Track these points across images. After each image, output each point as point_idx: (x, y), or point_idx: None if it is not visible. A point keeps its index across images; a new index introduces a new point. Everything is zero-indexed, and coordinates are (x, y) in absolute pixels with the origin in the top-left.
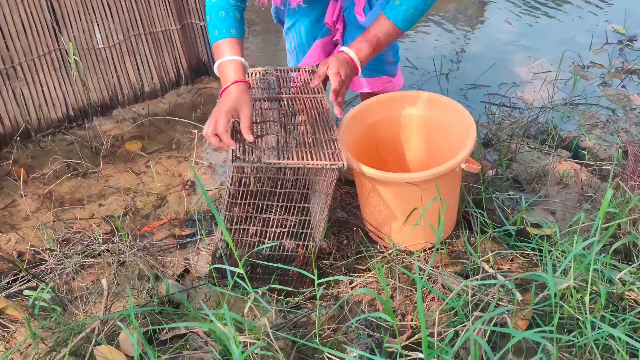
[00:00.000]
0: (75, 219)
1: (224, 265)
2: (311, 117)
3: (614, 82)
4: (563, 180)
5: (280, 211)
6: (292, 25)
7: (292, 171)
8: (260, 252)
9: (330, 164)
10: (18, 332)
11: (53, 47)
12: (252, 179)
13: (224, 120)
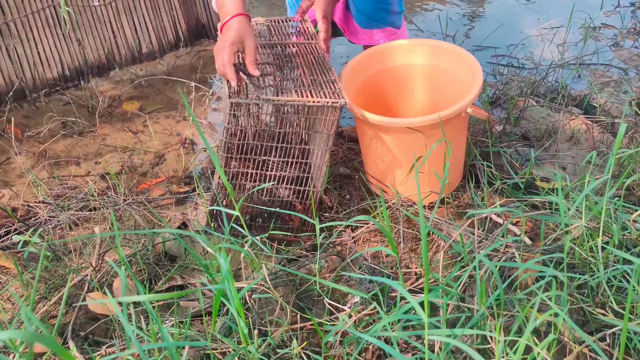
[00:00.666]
0: (71, 176)
1: (221, 208)
2: (307, 61)
3: (626, 42)
4: (574, 137)
5: (280, 154)
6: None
7: (292, 110)
8: (259, 199)
9: (331, 102)
10: (9, 284)
11: (47, 3)
12: (250, 123)
13: (229, 51)
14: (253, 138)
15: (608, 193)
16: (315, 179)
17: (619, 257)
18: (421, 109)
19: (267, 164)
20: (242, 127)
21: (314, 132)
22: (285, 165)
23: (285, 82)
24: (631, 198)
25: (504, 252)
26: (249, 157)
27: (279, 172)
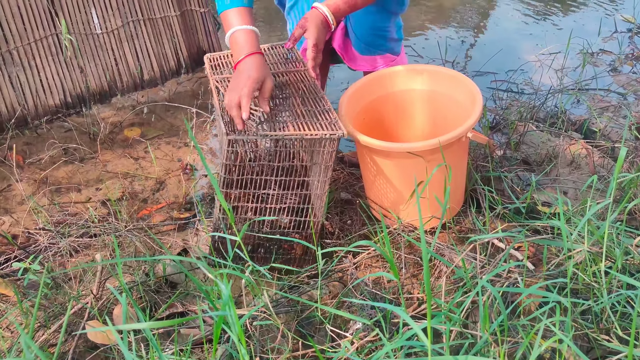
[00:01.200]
0: (72, 203)
1: (225, 235)
2: (299, 89)
3: (624, 68)
4: (575, 161)
5: (279, 188)
6: (294, 4)
7: (290, 144)
8: (260, 231)
9: (329, 134)
10: (9, 312)
11: (50, 31)
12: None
13: (250, 87)
14: (251, 172)
15: (610, 218)
16: (316, 209)
17: (623, 282)
18: (422, 134)
19: (267, 196)
20: (240, 162)
21: (312, 164)
22: (285, 197)
23: (279, 114)
24: (633, 223)
25: (506, 277)
26: (248, 191)
27: (279, 204)
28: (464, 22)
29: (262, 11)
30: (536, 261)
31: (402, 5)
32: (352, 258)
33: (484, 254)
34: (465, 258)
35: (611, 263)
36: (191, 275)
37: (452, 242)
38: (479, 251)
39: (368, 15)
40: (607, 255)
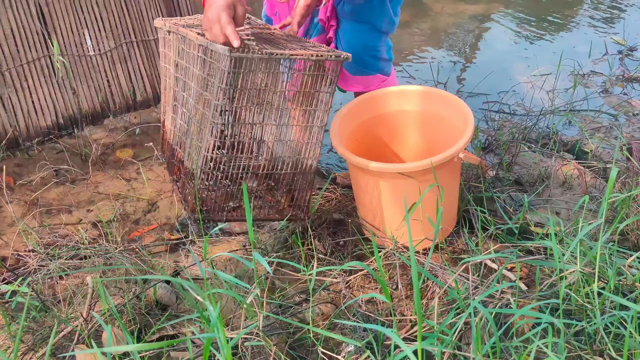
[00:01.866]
0: (62, 224)
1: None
2: (283, 35)
3: (614, 89)
4: (567, 182)
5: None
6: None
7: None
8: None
9: (334, 55)
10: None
11: (42, 53)
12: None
13: (226, 14)
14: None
15: (602, 238)
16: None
17: (616, 303)
18: (414, 154)
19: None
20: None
21: (314, 92)
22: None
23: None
24: (626, 243)
25: (499, 298)
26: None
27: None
28: (456, 44)
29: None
30: (529, 282)
31: (393, 25)
32: (345, 278)
33: (477, 274)
34: (458, 279)
35: (604, 284)
36: (185, 294)
37: (445, 262)
38: (472, 272)
39: (359, 35)
40: (600, 275)
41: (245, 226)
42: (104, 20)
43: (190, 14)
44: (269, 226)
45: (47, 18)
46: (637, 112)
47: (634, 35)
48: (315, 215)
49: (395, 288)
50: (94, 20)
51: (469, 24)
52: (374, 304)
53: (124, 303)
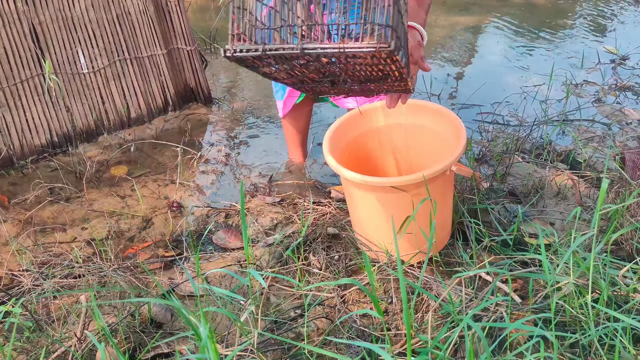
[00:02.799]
0: (56, 243)
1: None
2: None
3: (608, 98)
4: (561, 192)
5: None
6: None
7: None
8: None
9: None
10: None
11: (36, 71)
12: None
13: None
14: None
15: (595, 249)
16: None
17: (610, 315)
18: (408, 168)
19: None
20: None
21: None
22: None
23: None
24: (620, 253)
25: (494, 310)
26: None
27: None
28: (449, 56)
29: None
30: (524, 293)
31: None
32: (340, 292)
33: (472, 287)
34: (453, 292)
35: (598, 295)
36: (180, 311)
37: (439, 276)
38: (466, 285)
39: None
40: (593, 287)
41: (240, 242)
42: (97, 38)
43: (183, 30)
44: (264, 241)
45: (40, 37)
46: (630, 121)
47: (626, 44)
48: (310, 229)
49: (390, 302)
50: (87, 38)
51: (462, 35)
52: (369, 318)
53: (117, 322)
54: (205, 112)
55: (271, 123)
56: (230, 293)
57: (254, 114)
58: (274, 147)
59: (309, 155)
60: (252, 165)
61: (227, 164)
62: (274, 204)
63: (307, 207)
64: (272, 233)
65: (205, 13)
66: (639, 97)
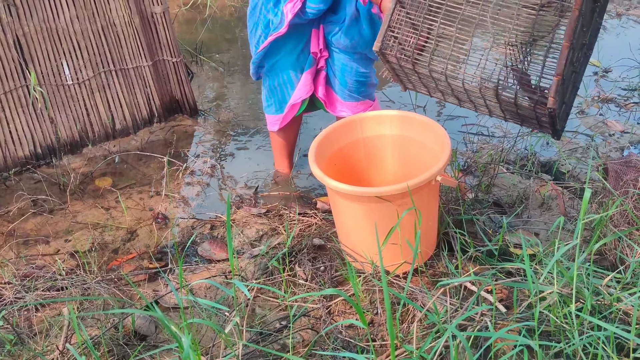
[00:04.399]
0: (39, 255)
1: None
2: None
3: (591, 110)
4: (545, 203)
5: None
6: (276, 62)
7: None
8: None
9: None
10: None
11: (20, 83)
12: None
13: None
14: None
15: (578, 259)
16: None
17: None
18: (393, 178)
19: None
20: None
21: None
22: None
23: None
24: (604, 263)
25: (479, 320)
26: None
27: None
28: None
29: None
30: (509, 303)
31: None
32: (325, 304)
33: (457, 297)
34: (438, 302)
35: (582, 304)
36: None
37: (424, 286)
38: (452, 295)
39: (353, 63)
40: (577, 296)
41: (225, 253)
42: (82, 49)
43: (169, 42)
44: (249, 253)
45: (25, 48)
46: (613, 132)
47: (608, 57)
48: (296, 240)
49: (376, 313)
50: (72, 49)
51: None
52: (355, 328)
53: (100, 334)
54: (191, 124)
55: (257, 134)
56: (214, 304)
57: (240, 126)
58: (259, 158)
59: (295, 167)
60: (237, 177)
61: (212, 175)
62: (260, 215)
63: (293, 218)
64: (257, 244)
65: (191, 25)
66: (621, 109)
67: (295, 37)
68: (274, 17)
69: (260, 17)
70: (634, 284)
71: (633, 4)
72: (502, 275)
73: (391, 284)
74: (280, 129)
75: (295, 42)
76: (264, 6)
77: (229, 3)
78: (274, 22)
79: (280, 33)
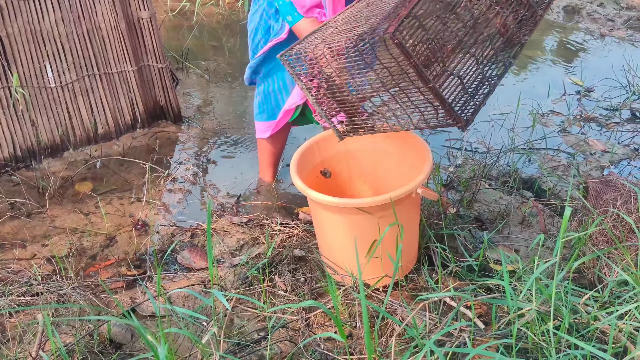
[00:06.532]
0: (15, 259)
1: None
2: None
3: (573, 129)
4: (526, 219)
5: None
6: (272, 68)
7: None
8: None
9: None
10: None
11: (1, 84)
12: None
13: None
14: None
15: (557, 277)
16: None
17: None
18: (375, 191)
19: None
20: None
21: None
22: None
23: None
24: (583, 281)
25: (457, 336)
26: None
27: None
28: None
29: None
30: (488, 319)
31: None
32: (304, 316)
33: (436, 312)
34: (418, 316)
35: (560, 322)
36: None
37: (403, 300)
38: (431, 309)
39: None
40: (555, 314)
41: (205, 262)
42: (66, 52)
43: (155, 47)
44: (229, 262)
45: (7, 49)
46: (594, 151)
47: (591, 77)
48: (277, 251)
49: (355, 326)
50: (56, 51)
51: None
52: (334, 341)
53: (75, 341)
54: (174, 131)
55: (240, 143)
56: (192, 313)
57: (224, 134)
58: (242, 167)
59: (278, 177)
60: (220, 185)
61: (194, 183)
62: (241, 224)
63: (274, 228)
64: (238, 254)
65: (178, 32)
66: (603, 128)
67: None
68: (275, 23)
69: (260, 23)
70: (612, 303)
71: (616, 25)
72: (482, 291)
73: (371, 297)
74: (271, 136)
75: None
76: (266, 12)
77: (217, 10)
78: (274, 28)
79: (280, 39)
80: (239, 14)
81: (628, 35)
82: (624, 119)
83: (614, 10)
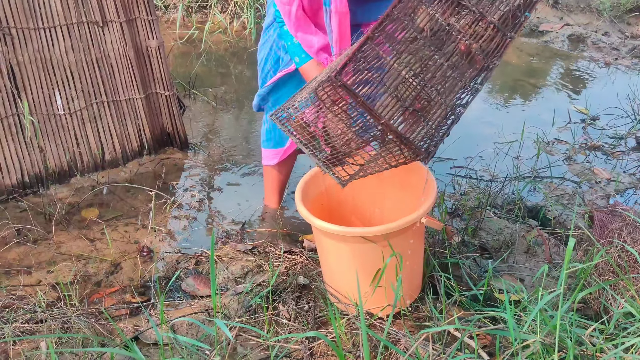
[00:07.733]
0: (20, 286)
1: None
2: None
3: (578, 157)
4: (531, 249)
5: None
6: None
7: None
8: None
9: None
10: None
11: (11, 111)
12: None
13: None
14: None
15: (562, 308)
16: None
17: None
18: (379, 220)
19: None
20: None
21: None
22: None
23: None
24: (588, 312)
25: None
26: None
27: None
28: None
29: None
30: (493, 350)
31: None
32: (308, 345)
33: (440, 342)
34: (422, 347)
35: (564, 354)
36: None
37: (406, 330)
38: (435, 340)
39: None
40: (560, 345)
41: (209, 289)
42: (75, 79)
43: (162, 75)
44: (233, 290)
45: (18, 76)
46: (600, 180)
47: (596, 105)
48: (281, 279)
49: (358, 356)
50: (65, 79)
51: None
52: None
53: None
54: (181, 157)
55: (246, 170)
56: (195, 342)
57: (230, 160)
58: (248, 194)
59: (283, 204)
60: (225, 212)
61: (200, 209)
62: (246, 251)
63: (279, 256)
64: (242, 281)
65: (186, 59)
66: (608, 157)
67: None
68: (284, 55)
69: (270, 53)
70: (617, 335)
71: (621, 54)
72: (487, 321)
73: (374, 327)
74: (278, 163)
75: (302, 78)
76: (275, 43)
77: (224, 38)
78: (284, 59)
79: (289, 70)
80: (246, 41)
81: (633, 64)
82: (629, 148)
83: (619, 39)
